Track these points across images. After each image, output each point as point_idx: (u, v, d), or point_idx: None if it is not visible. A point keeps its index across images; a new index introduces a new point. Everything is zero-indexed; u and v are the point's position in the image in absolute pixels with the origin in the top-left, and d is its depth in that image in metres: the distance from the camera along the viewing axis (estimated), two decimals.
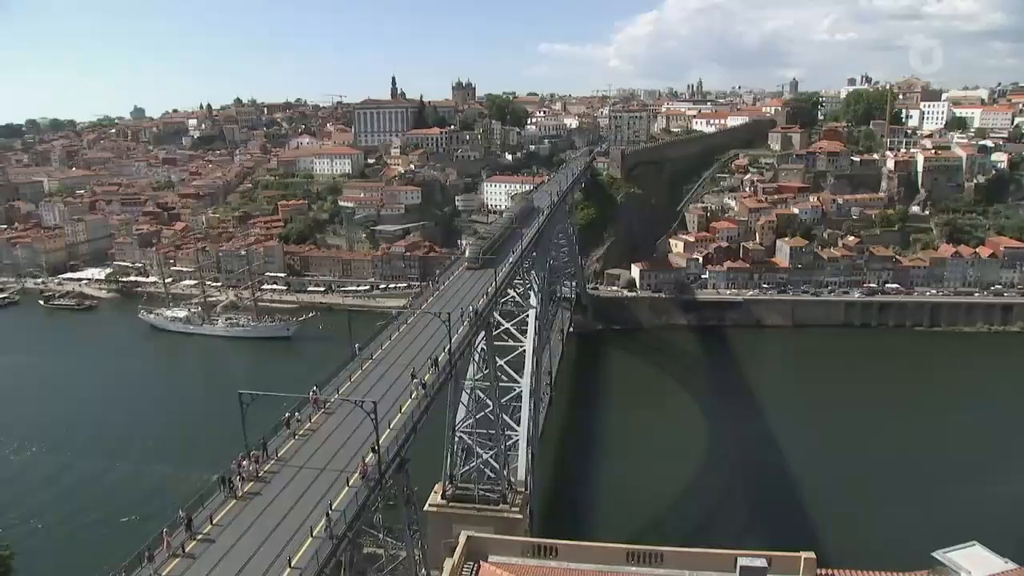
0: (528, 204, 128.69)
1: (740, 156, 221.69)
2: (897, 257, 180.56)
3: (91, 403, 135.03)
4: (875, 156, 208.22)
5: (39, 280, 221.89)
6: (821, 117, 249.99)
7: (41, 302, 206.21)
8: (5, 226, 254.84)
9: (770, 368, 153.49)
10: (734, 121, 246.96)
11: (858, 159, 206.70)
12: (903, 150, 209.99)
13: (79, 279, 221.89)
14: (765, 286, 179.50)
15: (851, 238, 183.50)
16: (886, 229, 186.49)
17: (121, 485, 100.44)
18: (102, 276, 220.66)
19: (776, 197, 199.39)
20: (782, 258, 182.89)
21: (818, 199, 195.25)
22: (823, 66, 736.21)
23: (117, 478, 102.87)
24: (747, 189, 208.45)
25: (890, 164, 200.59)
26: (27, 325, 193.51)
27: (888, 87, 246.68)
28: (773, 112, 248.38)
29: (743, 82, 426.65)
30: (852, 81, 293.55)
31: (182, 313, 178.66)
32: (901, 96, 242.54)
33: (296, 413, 47.60)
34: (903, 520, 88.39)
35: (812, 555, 36.24)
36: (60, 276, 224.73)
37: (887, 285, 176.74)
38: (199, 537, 34.95)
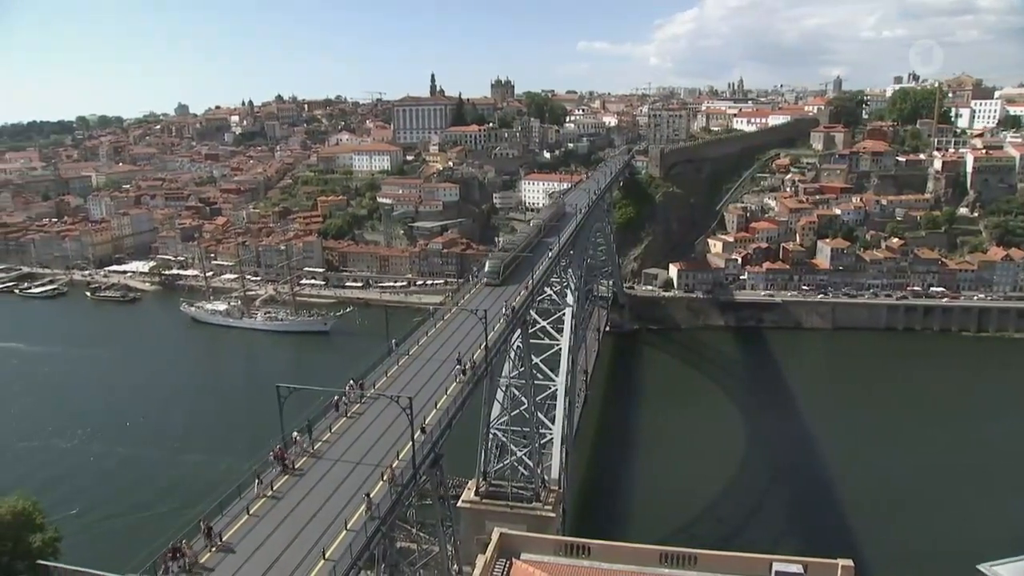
0: (559, 209, 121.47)
1: (781, 155, 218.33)
2: (943, 260, 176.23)
3: (135, 393, 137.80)
4: (921, 156, 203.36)
5: (86, 272, 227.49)
6: (865, 116, 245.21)
7: (87, 294, 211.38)
8: (55, 219, 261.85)
9: (809, 371, 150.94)
10: (775, 120, 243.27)
11: (903, 159, 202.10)
12: (951, 150, 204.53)
13: (124, 272, 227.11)
14: (805, 288, 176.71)
15: (895, 240, 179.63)
16: (932, 231, 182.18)
17: (164, 473, 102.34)
18: (146, 269, 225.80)
19: (817, 197, 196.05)
20: (823, 259, 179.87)
21: (861, 200, 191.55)
22: (868, 64, 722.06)
23: (160, 466, 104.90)
24: (788, 189, 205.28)
25: (937, 164, 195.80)
26: (74, 316, 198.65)
27: (937, 85, 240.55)
28: (815, 111, 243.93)
29: (785, 80, 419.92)
30: (898, 79, 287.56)
31: (222, 306, 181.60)
32: (951, 94, 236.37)
33: (344, 396, 48.50)
34: (946, 530, 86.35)
35: (850, 563, 35.62)
36: (106, 268, 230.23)
37: (932, 288, 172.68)
38: (234, 528, 35.41)
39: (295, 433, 43.29)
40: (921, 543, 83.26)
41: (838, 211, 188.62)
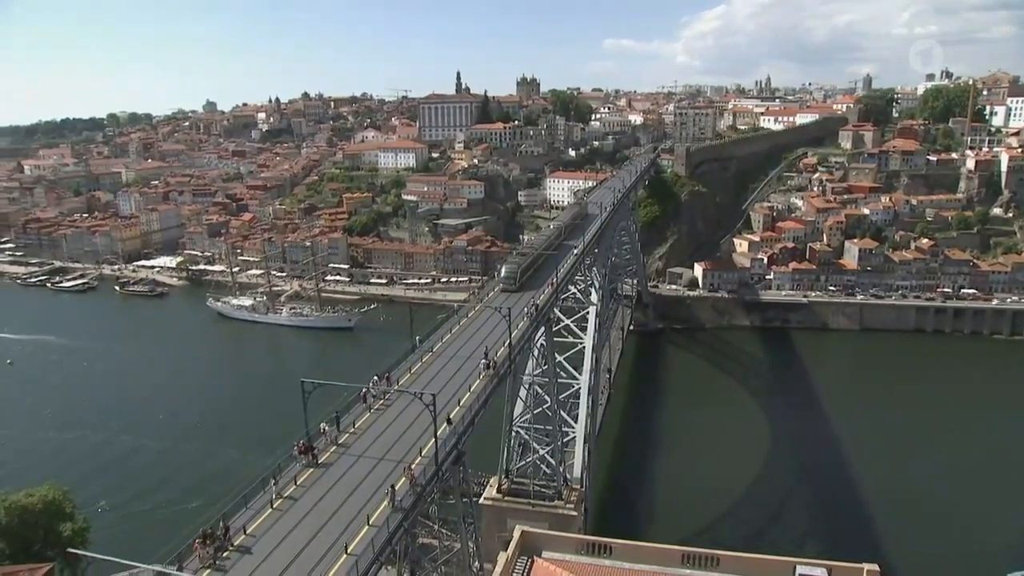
0: (581, 210, 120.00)
1: (809, 154, 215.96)
2: (975, 261, 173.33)
3: (163, 387, 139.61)
4: (954, 155, 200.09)
5: (115, 267, 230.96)
6: (896, 115, 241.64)
7: (116, 288, 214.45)
8: (86, 215, 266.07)
9: (835, 372, 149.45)
10: (803, 118, 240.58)
11: (935, 158, 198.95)
12: (985, 149, 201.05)
13: (152, 267, 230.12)
14: (831, 288, 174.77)
15: (925, 240, 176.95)
16: (963, 232, 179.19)
17: (190, 466, 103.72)
18: (173, 264, 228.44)
19: (845, 197, 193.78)
20: (850, 260, 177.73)
21: (890, 200, 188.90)
22: (899, 61, 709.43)
23: (187, 459, 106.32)
24: (815, 188, 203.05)
25: (970, 164, 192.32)
26: (104, 310, 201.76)
27: (971, 82, 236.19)
28: (844, 109, 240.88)
29: (813, 78, 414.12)
30: (931, 77, 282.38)
31: (248, 302, 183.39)
32: (985, 92, 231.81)
33: (371, 387, 49.17)
34: (974, 536, 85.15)
35: (876, 568, 35.14)
36: (135, 263, 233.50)
37: (963, 290, 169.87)
38: (258, 521, 35.82)
39: (323, 424, 44.06)
40: (948, 549, 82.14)
41: (866, 211, 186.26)
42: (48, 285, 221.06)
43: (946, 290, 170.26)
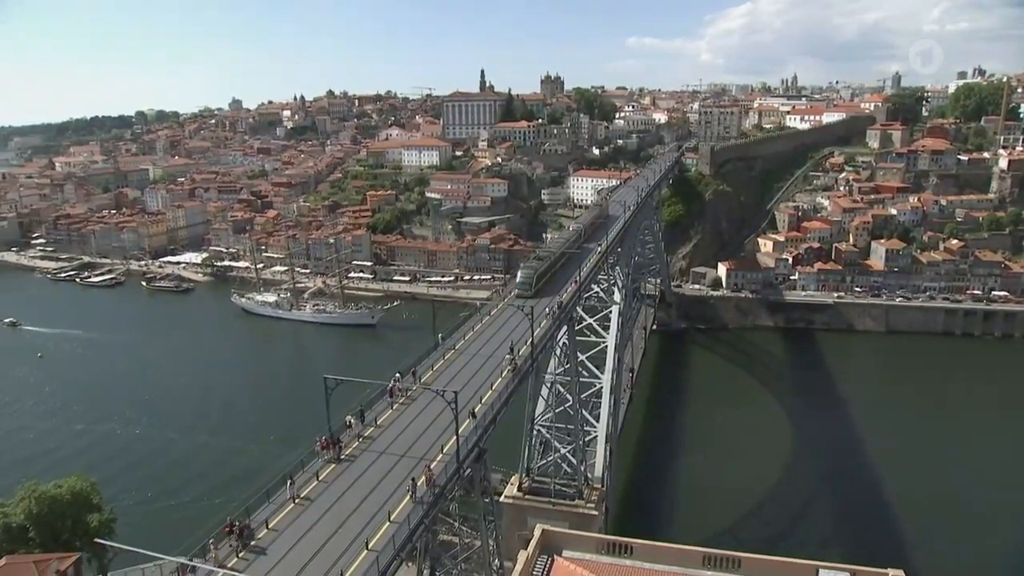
0: (601, 212, 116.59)
1: (835, 154, 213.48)
2: (1006, 263, 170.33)
3: (188, 382, 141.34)
4: (986, 155, 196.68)
5: (142, 263, 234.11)
6: (925, 113, 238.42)
7: (143, 283, 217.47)
8: (114, 211, 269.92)
9: (861, 374, 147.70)
10: (830, 117, 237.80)
11: (966, 158, 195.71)
12: (1019, 148, 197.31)
13: (178, 262, 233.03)
14: (857, 289, 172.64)
15: (954, 241, 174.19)
16: (995, 232, 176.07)
17: (214, 460, 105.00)
18: (198, 260, 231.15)
19: (872, 197, 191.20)
20: (877, 261, 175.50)
21: (918, 200, 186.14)
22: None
23: (210, 453, 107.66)
24: (842, 188, 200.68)
25: (1003, 163, 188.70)
26: (131, 305, 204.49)
27: (1005, 80, 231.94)
28: (872, 108, 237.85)
29: (841, 76, 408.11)
30: (963, 74, 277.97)
31: (272, 298, 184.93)
32: (1020, 90, 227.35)
33: (398, 380, 49.68)
34: (1002, 542, 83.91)
35: (900, 573, 34.74)
36: (161, 259, 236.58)
37: (994, 292, 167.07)
38: (280, 515, 36.11)
39: (349, 417, 44.66)
40: (974, 554, 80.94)
41: (894, 211, 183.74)
42: (77, 280, 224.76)
43: (976, 292, 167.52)
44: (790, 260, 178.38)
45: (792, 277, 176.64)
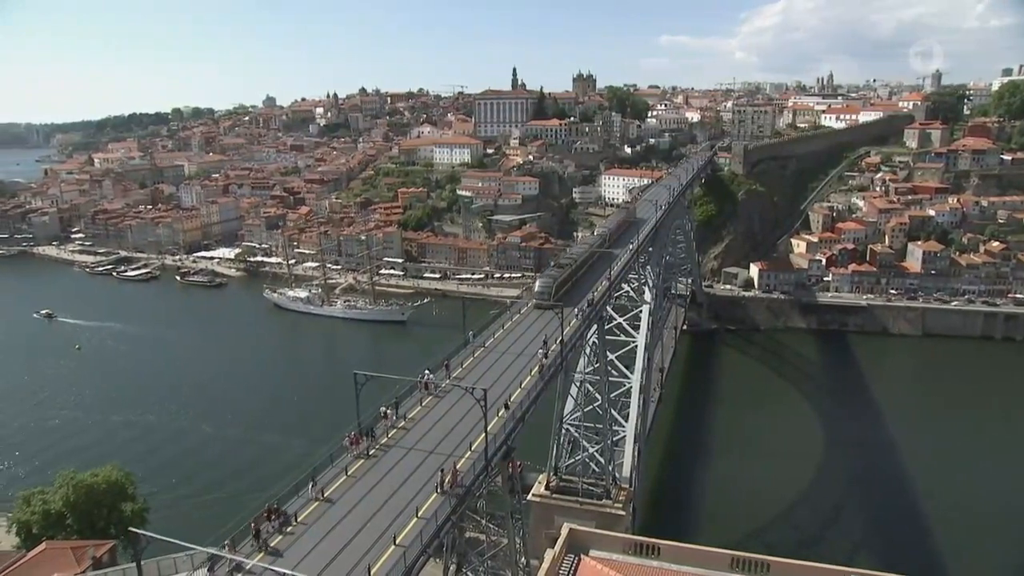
0: (629, 215, 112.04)
1: (871, 154, 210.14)
2: None
3: (221, 375, 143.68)
4: None
5: (176, 257, 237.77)
6: (967, 112, 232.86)
7: (177, 278, 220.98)
8: (150, 206, 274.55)
9: (895, 378, 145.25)
10: (866, 116, 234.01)
11: (1009, 158, 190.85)
12: None
13: (211, 257, 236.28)
14: (893, 292, 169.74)
15: (995, 243, 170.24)
16: None
17: (245, 453, 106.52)
18: (231, 256, 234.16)
19: (910, 198, 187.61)
20: (913, 263, 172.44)
21: (958, 201, 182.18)
22: (972, 56, 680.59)
23: (242, 446, 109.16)
24: (878, 189, 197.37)
25: None
26: (165, 299, 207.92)
27: None
28: (911, 107, 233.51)
29: (878, 75, 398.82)
30: (1007, 71, 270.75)
31: (303, 294, 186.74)
32: None
33: (428, 377, 50.12)
34: None
35: None
36: (195, 254, 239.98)
37: None
38: (310, 508, 36.48)
39: (383, 408, 45.24)
40: (1010, 566, 79.19)
41: (932, 212, 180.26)
42: (114, 274, 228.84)
43: (1018, 295, 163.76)
44: (824, 261, 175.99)
45: (825, 278, 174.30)
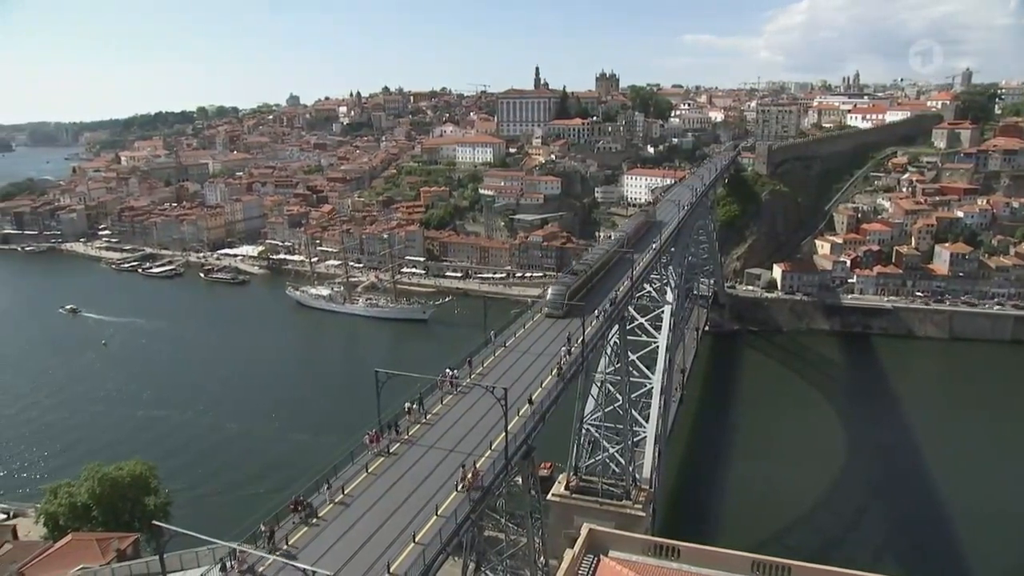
0: (648, 219, 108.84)
1: (898, 154, 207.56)
2: None
3: (243, 371, 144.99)
4: None
5: (200, 255, 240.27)
6: (998, 111, 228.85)
7: (201, 275, 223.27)
8: (175, 204, 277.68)
9: (921, 382, 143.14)
10: (893, 116, 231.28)
11: None
12: None
13: (235, 255, 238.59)
14: (919, 294, 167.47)
15: None
16: None
17: (266, 449, 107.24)
18: (255, 253, 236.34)
19: (937, 199, 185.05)
20: (940, 265, 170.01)
21: (987, 202, 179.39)
22: (1005, 54, 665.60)
23: (263, 442, 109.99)
24: (904, 190, 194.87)
25: None
26: (189, 296, 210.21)
27: None
28: (940, 106, 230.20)
29: (906, 74, 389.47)
30: None
31: (325, 291, 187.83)
32: None
33: (455, 371, 50.81)
34: None
35: None
36: (218, 251, 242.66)
37: None
38: (329, 506, 36.68)
39: (407, 403, 45.58)
40: None
41: (960, 213, 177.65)
42: (139, 271, 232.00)
43: None
44: (848, 263, 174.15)
45: (850, 280, 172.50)
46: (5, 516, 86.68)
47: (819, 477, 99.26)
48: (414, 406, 46.03)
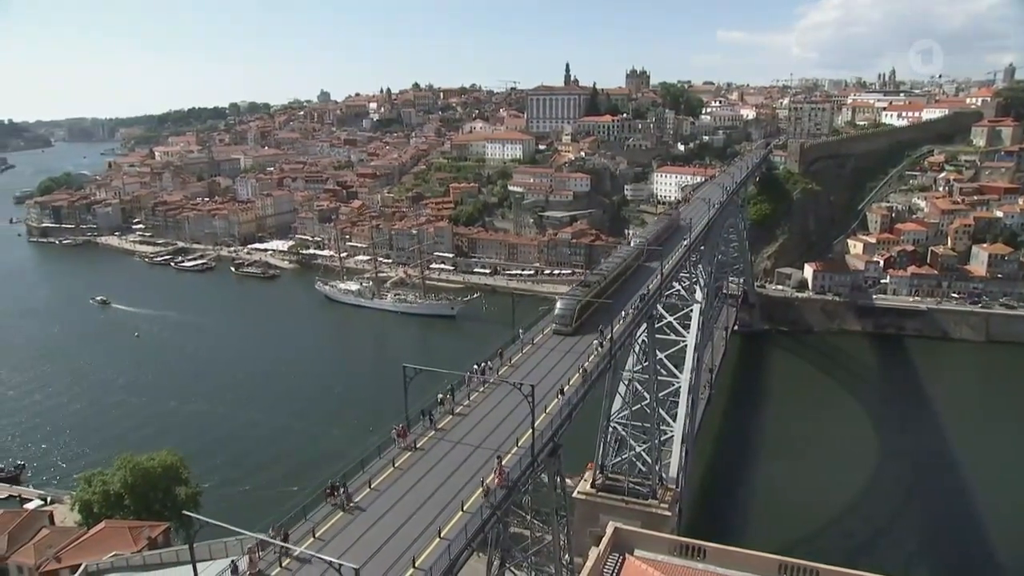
0: (671, 222, 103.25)
1: (935, 152, 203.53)
2: None
3: (273, 365, 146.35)
4: None
5: (231, 249, 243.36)
6: None
7: (232, 269, 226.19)
8: (207, 199, 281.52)
9: (956, 386, 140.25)
10: (930, 114, 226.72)
11: None
12: None
13: (265, 250, 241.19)
14: (954, 296, 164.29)
15: None
16: None
17: (295, 442, 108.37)
18: (285, 248, 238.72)
19: (975, 198, 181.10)
20: (978, 266, 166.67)
21: None
22: None
23: (293, 435, 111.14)
24: (941, 189, 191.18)
25: None
26: (220, 290, 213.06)
27: None
28: (980, 103, 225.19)
29: (944, 70, 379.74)
30: None
31: (355, 286, 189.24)
32: None
33: (487, 363, 51.49)
34: None
35: None
36: (249, 246, 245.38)
37: None
38: (354, 501, 36.93)
39: (439, 395, 46.45)
40: None
41: (1000, 213, 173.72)
42: (172, 264, 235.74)
43: None
44: (881, 263, 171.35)
45: (883, 281, 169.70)
46: (42, 503, 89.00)
47: (848, 480, 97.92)
48: (448, 396, 46.76)
